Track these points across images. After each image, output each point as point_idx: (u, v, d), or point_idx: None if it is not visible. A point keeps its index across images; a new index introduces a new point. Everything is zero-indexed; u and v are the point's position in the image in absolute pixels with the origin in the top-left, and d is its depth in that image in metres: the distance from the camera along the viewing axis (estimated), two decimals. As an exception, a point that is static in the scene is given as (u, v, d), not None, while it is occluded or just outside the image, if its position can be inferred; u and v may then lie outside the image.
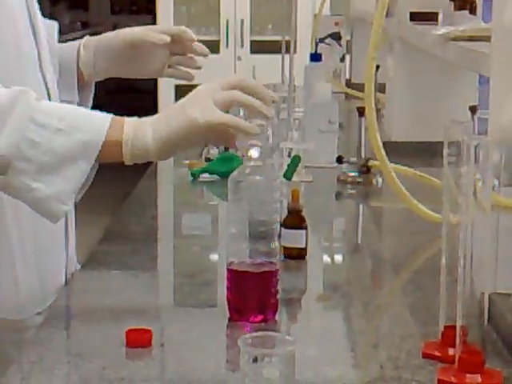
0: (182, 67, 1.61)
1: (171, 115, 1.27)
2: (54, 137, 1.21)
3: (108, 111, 1.29)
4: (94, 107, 1.45)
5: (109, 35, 1.59)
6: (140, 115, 1.34)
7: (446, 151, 1.16)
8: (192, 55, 1.58)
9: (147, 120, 1.27)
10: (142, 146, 1.25)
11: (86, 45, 1.58)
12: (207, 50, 1.57)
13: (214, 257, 1.72)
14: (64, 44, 1.60)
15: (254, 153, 1.29)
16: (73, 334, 1.31)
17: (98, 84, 1.66)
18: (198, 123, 1.25)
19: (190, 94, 1.30)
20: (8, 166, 1.21)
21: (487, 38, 1.30)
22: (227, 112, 1.28)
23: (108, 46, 1.56)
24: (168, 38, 1.52)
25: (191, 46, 1.56)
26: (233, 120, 1.26)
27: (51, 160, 1.21)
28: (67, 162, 1.21)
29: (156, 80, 5.64)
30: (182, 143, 1.26)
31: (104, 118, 1.26)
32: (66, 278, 1.51)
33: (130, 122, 1.27)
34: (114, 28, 1.67)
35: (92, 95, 1.62)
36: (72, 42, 1.60)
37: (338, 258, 1.76)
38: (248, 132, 1.26)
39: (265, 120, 1.28)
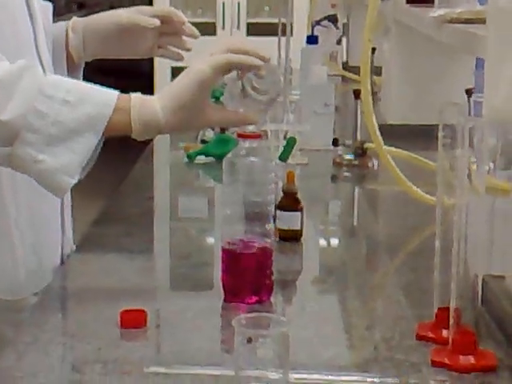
0: (172, 48, 1.60)
1: (175, 81, 1.27)
2: (61, 108, 1.20)
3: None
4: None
5: (96, 17, 1.57)
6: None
7: (440, 133, 1.16)
8: (182, 37, 1.58)
9: (155, 95, 1.27)
10: (151, 113, 1.24)
11: (73, 27, 1.57)
12: (197, 32, 1.56)
13: (210, 238, 1.72)
14: (52, 25, 1.59)
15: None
16: (68, 314, 1.31)
17: (93, 68, 1.66)
18: (205, 71, 1.25)
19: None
20: (15, 136, 1.20)
21: (483, 21, 1.30)
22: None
23: (96, 29, 1.55)
24: (157, 22, 1.52)
25: (181, 27, 1.56)
26: (235, 56, 1.26)
27: (59, 132, 1.20)
28: (75, 135, 1.20)
29: (152, 63, 5.63)
30: (191, 105, 1.25)
31: (111, 92, 1.26)
32: (62, 259, 1.51)
33: (137, 96, 1.26)
34: (111, 9, 1.66)
35: (81, 76, 1.61)
36: (59, 23, 1.59)
37: (333, 240, 1.77)
38: (254, 65, 1.26)
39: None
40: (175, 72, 6.17)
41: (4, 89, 1.20)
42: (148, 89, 5.46)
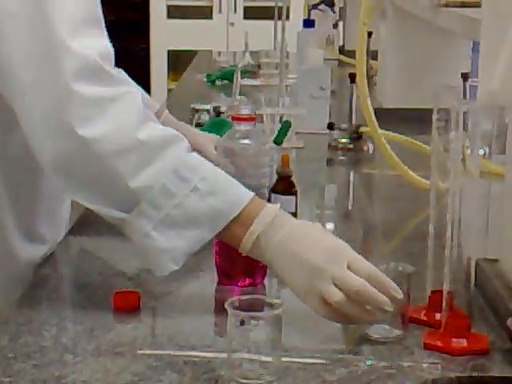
0: None
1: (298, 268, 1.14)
2: (190, 194, 1.17)
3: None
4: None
5: (174, 123, 1.70)
6: (134, 81, 1.33)
7: (435, 116, 1.16)
8: None
9: (285, 227, 1.17)
10: (261, 252, 1.18)
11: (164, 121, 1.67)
12: None
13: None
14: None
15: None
16: (61, 296, 1.31)
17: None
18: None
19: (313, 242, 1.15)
20: (135, 205, 1.17)
21: (479, 4, 1.30)
22: None
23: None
24: None
25: None
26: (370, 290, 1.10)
27: (179, 216, 1.17)
28: (192, 224, 1.17)
29: (148, 46, 5.61)
30: None
31: (246, 193, 1.19)
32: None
33: (268, 214, 1.17)
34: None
35: None
36: (152, 104, 1.71)
37: (328, 223, 1.77)
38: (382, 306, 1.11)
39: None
40: (171, 55, 6.16)
41: (145, 154, 1.16)
42: (143, 72, 5.45)
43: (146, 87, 5.59)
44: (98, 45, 1.20)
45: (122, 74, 1.45)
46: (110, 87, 1.18)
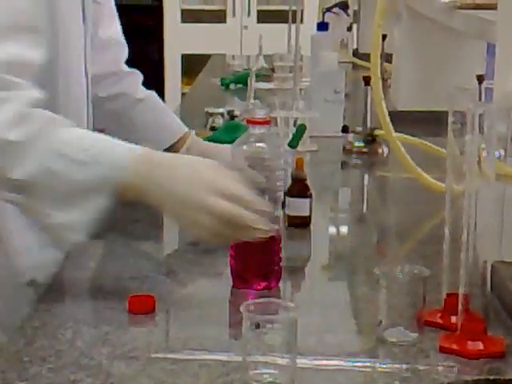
0: None
1: (183, 191, 1.24)
2: (74, 168, 1.22)
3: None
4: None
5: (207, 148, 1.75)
6: (148, 85, 1.34)
7: (450, 119, 1.16)
8: None
9: (161, 173, 1.26)
10: (147, 199, 1.27)
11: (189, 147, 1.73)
12: None
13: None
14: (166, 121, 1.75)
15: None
16: (76, 300, 1.31)
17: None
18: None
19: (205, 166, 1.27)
20: (29, 189, 1.22)
21: (494, 6, 1.29)
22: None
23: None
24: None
25: None
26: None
27: (69, 190, 1.22)
28: (85, 194, 1.23)
29: (162, 50, 5.62)
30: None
31: (124, 156, 1.25)
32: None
33: (147, 163, 1.26)
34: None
35: None
36: (175, 128, 1.78)
37: (343, 226, 1.76)
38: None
39: None
40: (185, 59, 6.15)
41: (20, 152, 1.22)
42: (157, 76, 5.46)
43: (160, 91, 5.58)
44: (11, 51, 1.26)
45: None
46: None
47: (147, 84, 1.81)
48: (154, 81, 1.43)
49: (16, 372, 1.05)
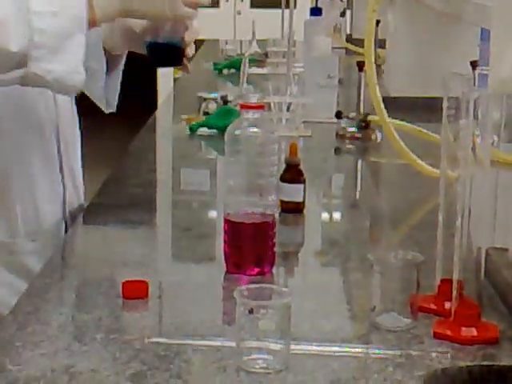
0: None
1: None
2: (51, 20, 1.32)
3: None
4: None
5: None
6: (141, 84, 1.33)
7: (445, 104, 1.15)
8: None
9: None
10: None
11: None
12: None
13: (212, 210, 1.72)
14: None
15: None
16: (69, 285, 1.31)
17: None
18: (167, 14, 1.42)
19: None
20: (27, 58, 1.31)
21: (489, -9, 1.29)
22: None
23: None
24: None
25: None
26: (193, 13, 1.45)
27: (56, 40, 1.33)
28: (67, 39, 1.34)
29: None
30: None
31: None
32: (64, 212, 1.55)
33: None
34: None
35: (122, 63, 1.67)
36: None
37: (336, 212, 1.76)
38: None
39: None
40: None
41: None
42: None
43: (153, 76, 5.58)
44: None
45: None
46: None
47: (140, 69, 1.80)
48: (147, 65, 1.42)
49: (8, 357, 1.04)
